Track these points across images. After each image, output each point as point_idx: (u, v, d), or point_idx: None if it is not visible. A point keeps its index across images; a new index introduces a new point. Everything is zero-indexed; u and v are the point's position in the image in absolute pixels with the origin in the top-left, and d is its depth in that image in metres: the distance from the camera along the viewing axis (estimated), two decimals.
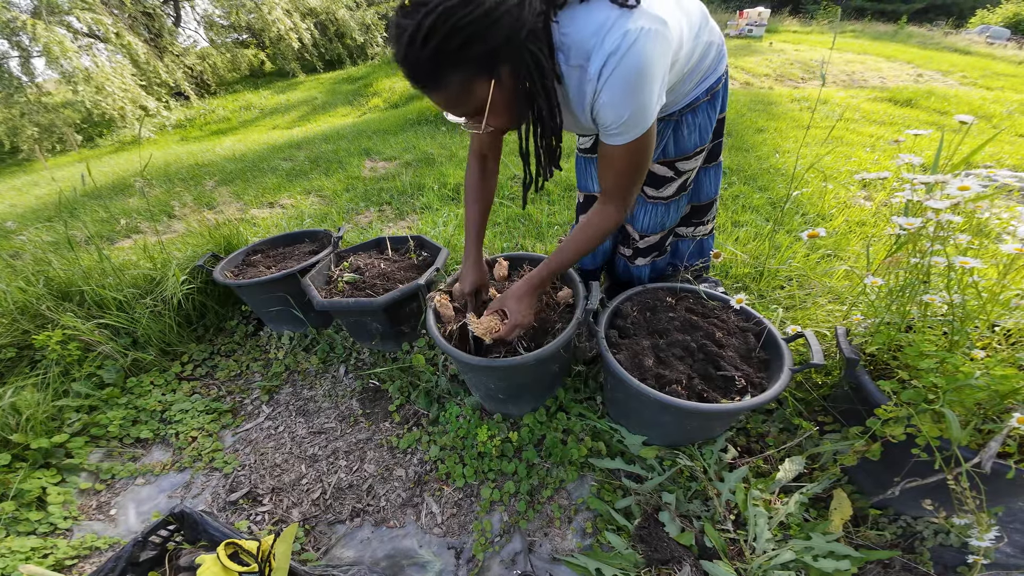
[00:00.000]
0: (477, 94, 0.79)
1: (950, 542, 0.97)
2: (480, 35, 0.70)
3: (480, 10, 0.68)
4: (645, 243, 1.37)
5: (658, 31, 0.76)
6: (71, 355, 1.60)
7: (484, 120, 0.82)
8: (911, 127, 3.81)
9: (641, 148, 0.88)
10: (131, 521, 1.27)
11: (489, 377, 1.20)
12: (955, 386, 0.83)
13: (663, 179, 1.22)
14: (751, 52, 7.30)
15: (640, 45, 0.75)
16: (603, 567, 0.97)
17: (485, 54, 0.73)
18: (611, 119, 0.83)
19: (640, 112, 0.81)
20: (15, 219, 3.48)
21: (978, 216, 0.98)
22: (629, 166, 0.91)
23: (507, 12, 0.70)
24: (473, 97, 0.79)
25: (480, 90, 0.78)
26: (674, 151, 1.16)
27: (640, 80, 0.77)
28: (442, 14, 0.67)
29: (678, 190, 1.24)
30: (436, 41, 0.69)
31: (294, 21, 9.77)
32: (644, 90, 0.79)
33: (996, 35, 11.42)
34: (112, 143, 8.02)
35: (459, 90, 0.78)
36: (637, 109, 0.80)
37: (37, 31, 6.71)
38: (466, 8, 0.67)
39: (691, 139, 1.14)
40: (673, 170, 1.19)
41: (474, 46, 0.71)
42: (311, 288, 1.50)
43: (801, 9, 15.34)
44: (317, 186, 3.43)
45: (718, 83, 1.10)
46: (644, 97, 0.79)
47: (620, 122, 0.82)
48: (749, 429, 1.25)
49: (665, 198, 1.26)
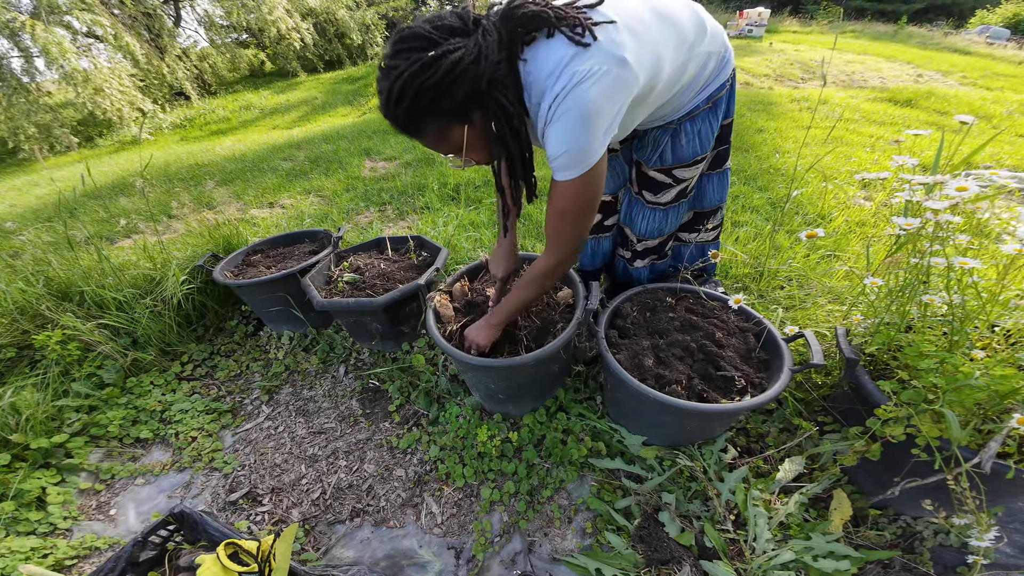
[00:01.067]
0: (454, 138, 0.86)
1: (950, 542, 0.97)
2: (444, 92, 0.77)
3: (440, 72, 0.75)
4: (643, 246, 1.37)
5: (607, 72, 0.78)
6: (71, 355, 1.60)
7: (463, 158, 0.90)
8: (911, 127, 3.82)
9: (582, 188, 0.88)
10: (131, 521, 1.26)
11: (489, 377, 1.20)
12: (955, 386, 0.83)
13: (661, 185, 1.21)
14: (751, 52, 7.31)
15: (584, 88, 0.77)
16: (603, 567, 0.98)
17: (452, 106, 0.80)
18: (554, 153, 0.85)
19: (580, 150, 0.83)
20: (15, 219, 3.48)
21: (978, 216, 0.98)
22: (569, 206, 0.92)
23: (464, 70, 0.76)
24: (451, 140, 0.87)
25: (456, 134, 0.85)
26: (671, 159, 1.14)
27: (581, 121, 0.80)
28: (408, 79, 0.76)
29: (677, 196, 1.23)
30: (407, 101, 0.78)
31: (294, 21, 9.77)
32: (585, 130, 0.81)
33: (996, 35, 11.43)
34: (112, 143, 8.02)
35: (437, 136, 0.86)
36: (577, 147, 0.83)
37: (36, 32, 6.70)
38: (428, 72, 0.75)
39: (690, 147, 1.12)
40: (671, 177, 1.18)
41: (441, 101, 0.79)
42: (311, 288, 1.50)
43: (801, 9, 15.34)
44: (317, 186, 3.43)
45: (720, 90, 1.08)
46: (585, 137, 0.82)
47: (560, 156, 0.85)
48: (749, 429, 1.25)
49: (663, 204, 1.25)
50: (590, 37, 0.78)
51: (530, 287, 1.09)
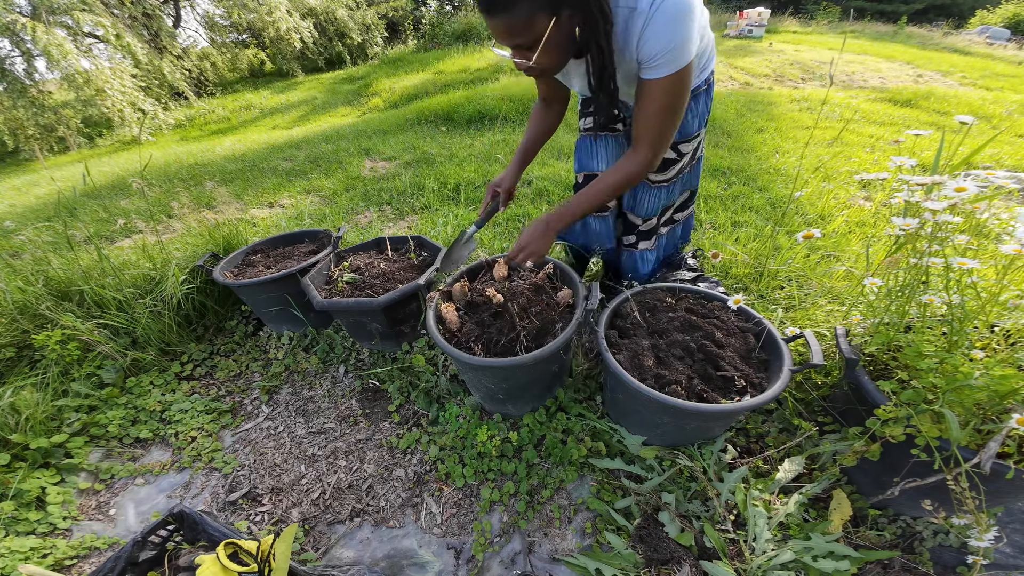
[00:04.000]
0: (537, 28, 0.87)
1: (949, 542, 0.97)
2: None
3: None
4: (647, 226, 1.45)
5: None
6: (71, 355, 1.60)
7: (535, 55, 0.91)
8: (911, 127, 3.82)
9: (678, 84, 0.95)
10: (130, 521, 1.26)
11: (489, 377, 1.20)
12: (954, 386, 0.83)
13: (668, 161, 1.31)
14: (751, 52, 7.31)
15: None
16: (603, 567, 0.97)
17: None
18: (656, 50, 0.90)
19: (681, 44, 0.89)
20: (14, 219, 3.48)
21: (977, 216, 0.98)
22: (665, 105, 0.97)
23: None
24: (533, 30, 0.87)
25: (540, 25, 0.87)
26: (678, 134, 1.25)
27: (682, 14, 0.87)
28: None
29: (678, 172, 1.35)
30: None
31: (295, 21, 9.78)
32: (685, 24, 0.88)
33: (996, 35, 11.43)
34: (112, 143, 8.02)
35: (523, 20, 0.86)
36: (679, 41, 0.89)
37: (37, 33, 6.70)
38: None
39: (693, 123, 1.25)
40: (676, 152, 1.30)
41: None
42: (311, 288, 1.50)
43: (801, 9, 15.34)
44: (317, 186, 3.43)
45: (711, 74, 1.22)
46: (685, 31, 0.89)
47: (663, 52, 0.90)
48: (749, 429, 1.25)
49: (666, 181, 1.35)
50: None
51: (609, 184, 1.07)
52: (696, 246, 2.03)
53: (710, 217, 2.33)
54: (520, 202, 2.68)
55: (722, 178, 2.83)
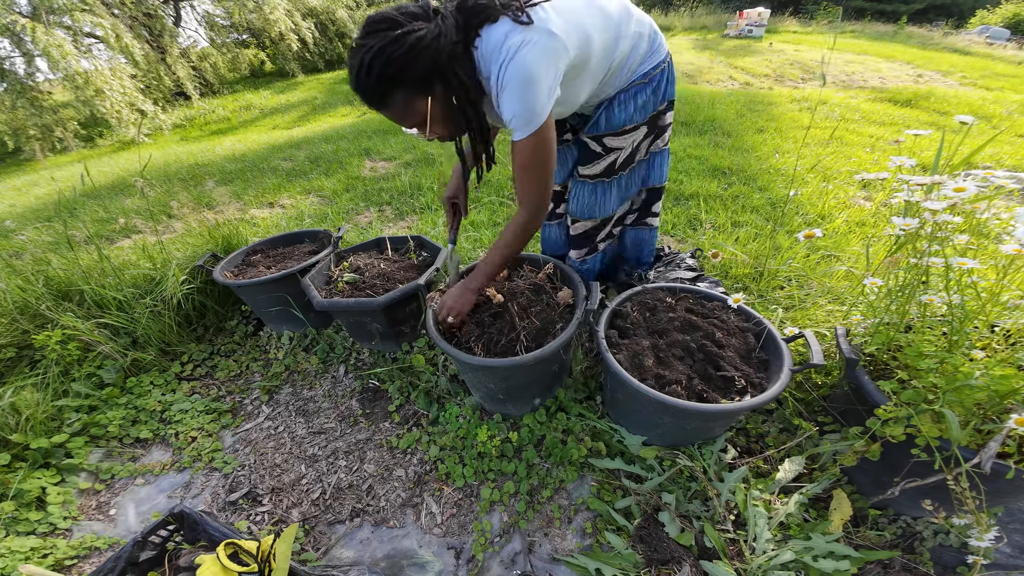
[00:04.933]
0: (418, 109, 0.97)
1: (950, 542, 0.97)
2: (409, 63, 0.90)
3: (405, 45, 0.88)
4: (575, 230, 1.45)
5: (537, 41, 0.91)
6: (71, 355, 1.60)
7: (428, 129, 1.00)
8: (911, 127, 3.82)
9: (537, 143, 0.99)
10: (131, 521, 1.26)
11: (489, 377, 1.20)
12: (955, 386, 0.83)
13: (593, 154, 1.30)
14: (751, 52, 7.31)
15: (521, 55, 0.91)
16: (603, 567, 0.97)
17: (417, 77, 0.92)
18: (508, 116, 0.97)
19: (528, 109, 0.95)
20: (14, 219, 3.48)
21: (977, 216, 0.98)
22: (525, 163, 1.03)
23: (427, 45, 0.89)
24: (415, 112, 0.97)
25: (419, 105, 0.96)
26: (604, 126, 1.24)
27: (524, 83, 0.92)
28: (377, 51, 0.88)
29: (606, 171, 1.31)
30: (377, 70, 0.89)
31: (295, 21, 9.77)
32: (529, 91, 0.93)
33: (996, 35, 11.43)
34: (112, 143, 8.02)
35: (402, 107, 0.96)
36: (526, 107, 0.94)
37: (37, 34, 6.70)
38: (395, 45, 0.88)
39: (622, 114, 1.22)
40: (601, 145, 1.28)
41: (406, 71, 0.91)
42: (311, 288, 1.50)
43: (801, 9, 15.34)
44: (317, 186, 3.43)
45: (655, 68, 1.20)
46: (530, 97, 0.93)
47: (513, 118, 0.96)
48: (749, 429, 1.25)
49: (592, 176, 1.33)
50: (527, 17, 0.93)
51: (506, 245, 1.15)
52: (696, 246, 2.04)
53: (710, 217, 2.33)
54: None
55: (722, 178, 2.83)
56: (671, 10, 11.96)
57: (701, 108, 4.19)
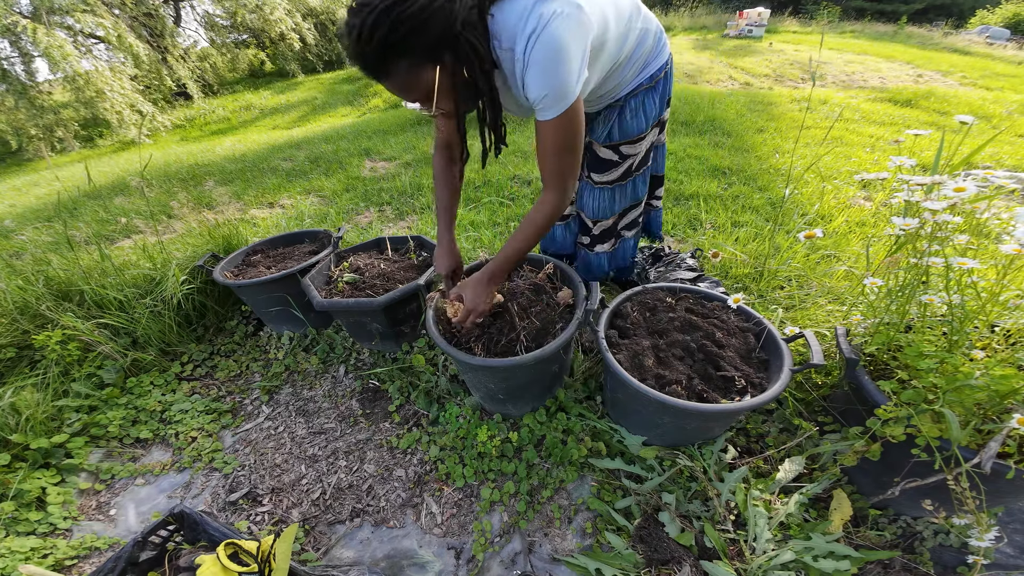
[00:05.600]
0: (424, 80, 0.87)
1: (950, 542, 0.97)
2: (419, 26, 0.79)
3: (416, 6, 0.77)
4: (599, 228, 1.45)
5: (570, 14, 0.83)
6: (71, 355, 1.60)
7: (434, 102, 0.90)
8: (911, 127, 3.82)
9: (568, 124, 0.92)
10: (131, 521, 1.26)
11: (489, 377, 1.20)
12: (955, 386, 0.83)
13: (608, 163, 1.29)
14: (751, 52, 7.31)
15: (554, 26, 0.82)
16: (603, 567, 0.97)
17: (426, 43, 0.82)
18: (537, 94, 0.89)
19: (561, 86, 0.87)
20: (15, 219, 3.48)
21: (977, 216, 0.98)
22: (558, 144, 0.96)
23: (440, 7, 0.79)
24: (421, 83, 0.87)
25: (426, 76, 0.86)
26: (618, 135, 1.24)
27: (557, 56, 0.84)
28: (384, 11, 0.76)
29: (623, 175, 1.32)
30: (381, 34, 0.78)
31: (295, 21, 9.78)
32: (562, 66, 0.85)
33: (996, 35, 11.43)
34: (112, 143, 8.02)
35: (407, 77, 0.86)
36: (558, 84, 0.87)
37: (38, 35, 6.70)
38: (404, 4, 0.77)
39: (635, 123, 1.22)
40: (618, 154, 1.28)
41: (415, 36, 0.80)
42: (311, 288, 1.50)
43: (801, 9, 15.34)
44: (317, 186, 3.43)
45: (660, 71, 1.18)
46: (563, 72, 0.86)
47: (544, 96, 0.88)
48: (749, 429, 1.25)
49: (610, 182, 1.33)
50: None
51: (530, 231, 1.06)
52: (696, 246, 2.04)
53: (710, 217, 2.33)
54: (521, 203, 2.68)
55: (722, 178, 2.83)
56: (671, 10, 11.95)
57: (701, 108, 4.19)
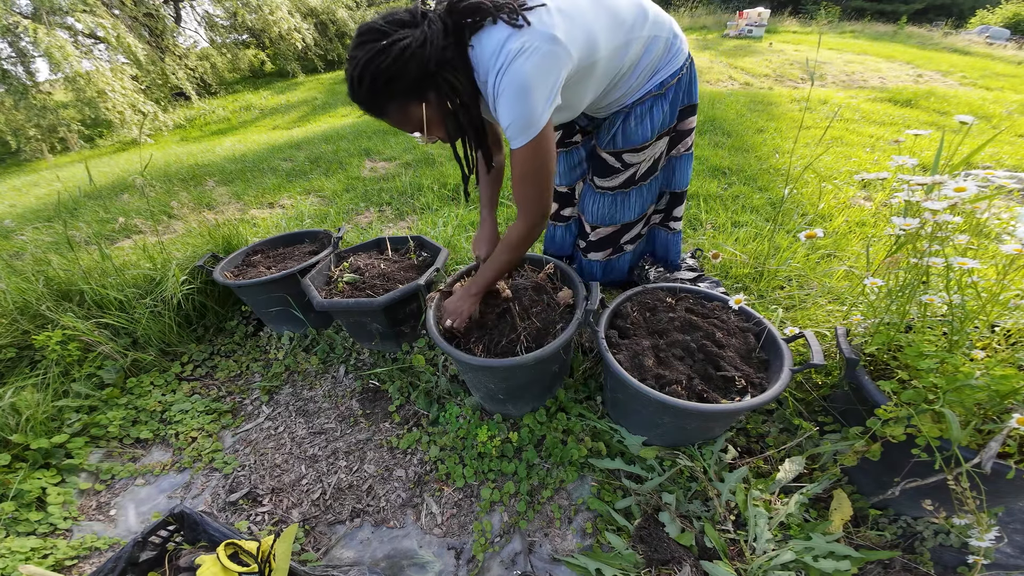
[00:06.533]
0: (414, 115, 0.98)
1: (950, 542, 0.97)
2: (396, 74, 0.89)
3: (390, 57, 0.87)
4: (597, 236, 1.44)
5: (537, 48, 0.89)
6: (71, 355, 1.60)
7: (425, 133, 1.01)
8: (911, 127, 3.82)
9: (534, 152, 0.97)
10: (131, 521, 1.26)
11: (489, 377, 1.20)
12: (955, 386, 0.83)
13: (611, 168, 1.30)
14: (751, 52, 7.31)
15: (518, 64, 0.88)
16: (603, 567, 0.97)
17: (406, 86, 0.92)
18: (505, 123, 0.95)
19: (525, 119, 0.92)
20: (15, 219, 3.48)
21: (977, 216, 0.98)
22: (526, 170, 1.00)
23: (412, 54, 0.88)
24: (412, 118, 0.98)
25: (415, 112, 0.97)
26: (622, 142, 1.23)
27: (521, 91, 0.90)
28: (364, 65, 0.88)
29: (626, 183, 1.31)
30: (367, 83, 0.90)
31: (295, 21, 9.77)
32: (526, 100, 0.90)
33: (996, 35, 11.43)
34: (113, 144, 8.02)
35: (399, 115, 0.98)
36: (521, 116, 0.92)
37: (38, 36, 6.69)
38: (381, 57, 0.87)
39: (640, 131, 1.21)
40: (620, 161, 1.27)
41: (395, 82, 0.91)
42: (311, 288, 1.50)
43: (801, 9, 15.34)
44: (317, 186, 3.43)
45: (673, 78, 1.16)
46: (526, 106, 0.91)
47: (510, 126, 0.94)
48: (749, 429, 1.25)
49: (611, 188, 1.33)
50: (523, 20, 0.90)
51: (506, 253, 1.14)
52: (696, 246, 2.04)
53: (710, 217, 2.33)
54: None
55: (722, 178, 2.83)
56: (671, 10, 11.96)
57: (701, 108, 4.18)
